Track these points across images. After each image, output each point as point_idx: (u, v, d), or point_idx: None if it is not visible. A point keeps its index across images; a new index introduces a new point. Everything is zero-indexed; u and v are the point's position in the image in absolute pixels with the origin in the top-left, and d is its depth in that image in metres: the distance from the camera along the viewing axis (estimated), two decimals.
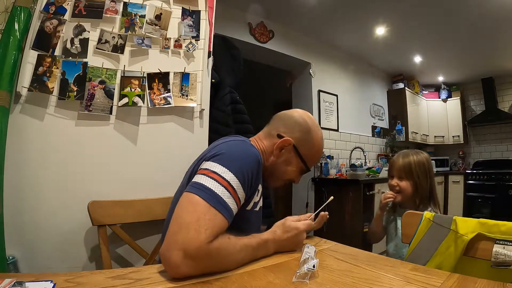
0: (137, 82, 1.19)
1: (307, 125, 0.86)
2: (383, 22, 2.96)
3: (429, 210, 1.15)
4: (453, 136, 4.50)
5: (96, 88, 1.11)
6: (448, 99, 4.60)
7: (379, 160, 3.93)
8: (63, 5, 1.09)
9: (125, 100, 1.16)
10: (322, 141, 0.90)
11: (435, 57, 3.76)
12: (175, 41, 1.29)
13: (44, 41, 1.05)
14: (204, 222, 0.56)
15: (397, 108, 4.26)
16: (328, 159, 3.20)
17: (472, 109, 4.56)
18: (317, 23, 2.97)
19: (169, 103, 1.23)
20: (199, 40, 1.35)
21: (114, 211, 1.06)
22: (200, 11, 1.36)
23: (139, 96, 1.18)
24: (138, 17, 1.21)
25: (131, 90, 1.17)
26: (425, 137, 4.54)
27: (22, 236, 0.98)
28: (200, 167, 0.69)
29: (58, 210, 1.04)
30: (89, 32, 1.12)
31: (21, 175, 0.99)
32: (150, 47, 1.23)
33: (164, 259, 0.54)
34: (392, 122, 4.27)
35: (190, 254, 0.53)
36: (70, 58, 1.08)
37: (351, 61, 3.79)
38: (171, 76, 1.26)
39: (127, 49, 1.19)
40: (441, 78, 4.55)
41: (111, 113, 1.14)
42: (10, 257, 0.92)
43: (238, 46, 1.89)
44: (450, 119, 4.56)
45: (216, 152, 0.69)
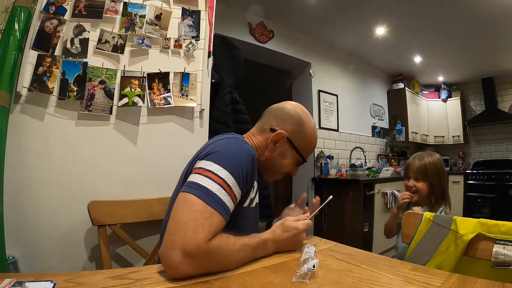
0: (137, 82, 1.19)
1: (299, 117, 0.86)
2: (383, 22, 2.96)
3: (442, 209, 1.22)
4: (453, 136, 4.51)
5: (96, 88, 1.11)
6: (448, 99, 4.60)
7: (379, 160, 3.93)
8: (63, 5, 1.09)
9: (125, 100, 1.16)
10: (316, 131, 0.90)
11: (435, 57, 3.76)
12: (175, 41, 1.29)
13: (44, 41, 1.05)
14: (202, 221, 0.56)
15: (397, 108, 4.27)
16: (328, 159, 3.20)
17: (472, 109, 4.56)
18: (317, 23, 2.97)
19: (169, 103, 1.23)
20: (199, 40, 1.35)
21: (114, 211, 1.06)
22: (200, 11, 1.36)
23: (139, 96, 1.18)
24: (138, 17, 1.21)
25: (131, 90, 1.17)
26: (425, 137, 4.54)
27: (22, 236, 0.98)
28: (195, 166, 0.69)
29: (58, 210, 1.04)
30: (89, 32, 1.12)
31: (21, 175, 0.99)
32: (150, 47, 1.23)
33: (164, 259, 0.54)
34: (392, 122, 4.28)
35: (189, 254, 0.53)
36: (70, 58, 1.08)
37: (351, 61, 3.79)
38: (171, 76, 1.26)
39: (127, 49, 1.19)
40: (441, 78, 4.56)
41: (111, 113, 1.14)
42: (10, 257, 0.92)
43: (238, 46, 1.89)
44: (450, 119, 4.56)
45: (210, 151, 0.69)
